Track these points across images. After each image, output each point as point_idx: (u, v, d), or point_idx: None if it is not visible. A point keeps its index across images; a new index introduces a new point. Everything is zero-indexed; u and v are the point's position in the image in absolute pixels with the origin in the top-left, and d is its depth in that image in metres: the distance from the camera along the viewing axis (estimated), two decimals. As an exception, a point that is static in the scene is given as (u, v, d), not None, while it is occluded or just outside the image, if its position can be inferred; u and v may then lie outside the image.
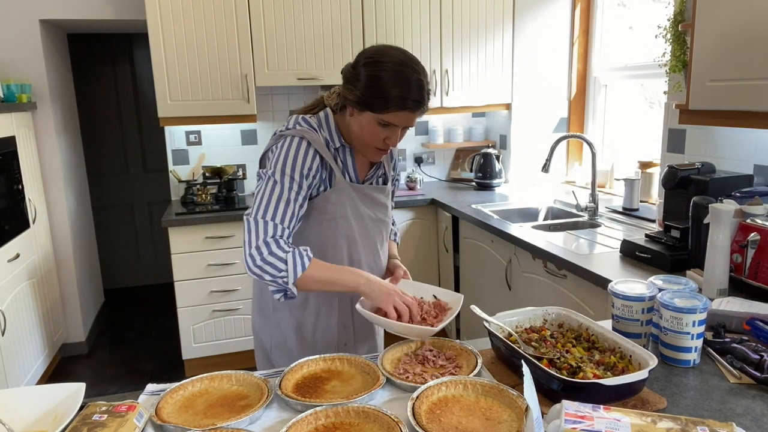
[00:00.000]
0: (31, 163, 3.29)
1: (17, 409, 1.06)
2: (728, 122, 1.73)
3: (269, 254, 1.26)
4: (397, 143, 1.40)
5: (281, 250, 1.27)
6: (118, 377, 3.43)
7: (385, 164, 1.55)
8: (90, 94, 4.71)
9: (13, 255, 2.92)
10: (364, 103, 1.31)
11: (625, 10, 3.26)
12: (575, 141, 3.58)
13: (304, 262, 1.28)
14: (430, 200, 3.42)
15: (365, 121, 1.34)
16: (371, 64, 1.30)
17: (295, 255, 1.28)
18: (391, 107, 1.29)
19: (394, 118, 1.31)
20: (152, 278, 5.12)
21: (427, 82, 1.33)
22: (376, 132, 1.35)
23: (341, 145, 1.43)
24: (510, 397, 1.04)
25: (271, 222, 1.29)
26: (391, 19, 3.36)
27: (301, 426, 0.99)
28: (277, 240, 1.28)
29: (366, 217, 1.49)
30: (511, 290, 2.62)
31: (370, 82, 1.29)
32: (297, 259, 1.28)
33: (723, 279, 1.55)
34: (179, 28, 3.05)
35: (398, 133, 1.37)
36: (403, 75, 1.28)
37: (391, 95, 1.28)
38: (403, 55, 1.32)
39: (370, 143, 1.38)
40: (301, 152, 1.34)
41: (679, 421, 0.88)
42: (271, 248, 1.27)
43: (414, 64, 1.31)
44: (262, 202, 1.31)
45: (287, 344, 1.53)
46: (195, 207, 3.26)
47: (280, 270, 1.26)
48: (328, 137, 1.41)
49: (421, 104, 1.32)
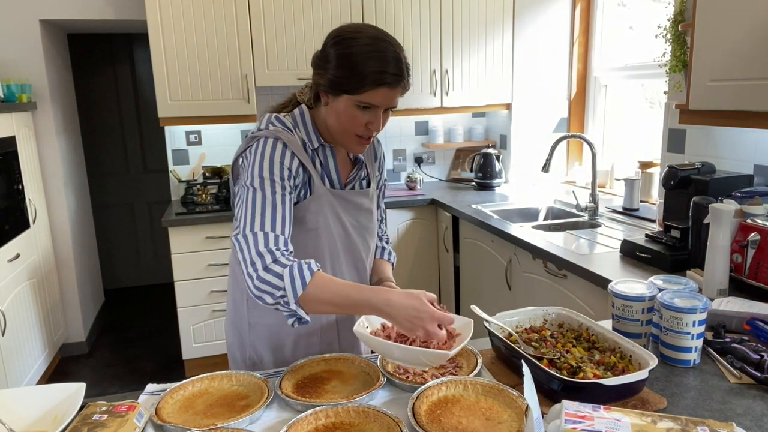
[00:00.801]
0: (32, 163, 3.29)
1: (17, 409, 1.06)
2: (728, 122, 1.72)
3: (264, 270, 1.10)
4: (380, 128, 1.24)
5: (278, 264, 1.11)
6: (118, 377, 3.43)
7: (367, 165, 1.42)
8: (90, 94, 4.71)
9: (14, 255, 2.92)
10: (338, 86, 1.18)
11: (625, 10, 3.25)
12: (575, 141, 3.58)
13: (305, 277, 1.09)
14: (430, 200, 3.42)
15: (342, 106, 1.20)
16: (341, 42, 1.18)
17: (293, 269, 1.10)
18: (367, 85, 1.16)
19: (373, 97, 1.17)
20: (152, 278, 5.12)
21: (405, 57, 1.20)
22: (355, 116, 1.20)
23: (320, 145, 1.31)
24: (510, 397, 1.04)
25: (261, 232, 1.13)
26: (390, 18, 3.36)
27: (302, 426, 0.99)
28: (272, 251, 1.12)
29: (348, 225, 1.36)
30: (511, 290, 2.62)
31: (342, 61, 1.16)
32: (296, 274, 1.09)
33: (723, 279, 1.55)
34: (179, 28, 3.05)
35: (380, 116, 1.22)
36: (378, 48, 1.15)
37: (367, 71, 1.14)
38: (375, 30, 1.20)
39: (349, 130, 1.23)
40: (277, 153, 1.20)
41: (679, 421, 0.88)
42: (266, 261, 1.11)
43: (387, 37, 1.19)
44: (246, 215, 1.16)
45: (264, 366, 1.41)
46: (195, 207, 3.26)
47: (278, 288, 1.09)
48: (305, 137, 1.28)
49: (401, 78, 1.18)
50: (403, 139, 3.94)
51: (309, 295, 1.10)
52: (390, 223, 3.39)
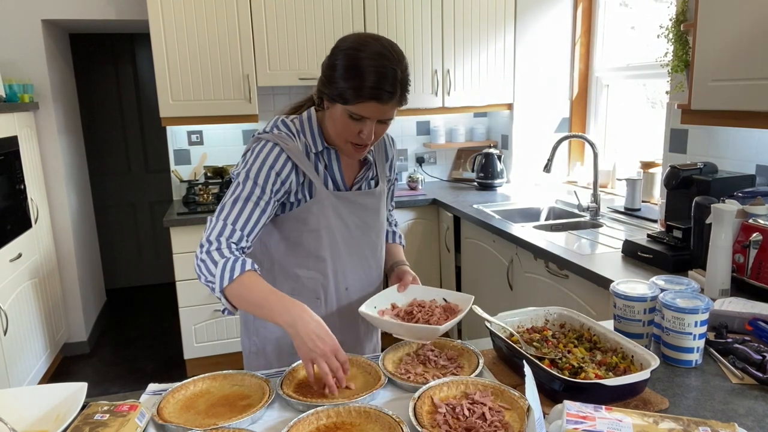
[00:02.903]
0: (33, 163, 3.29)
1: (19, 409, 1.06)
2: (730, 122, 1.72)
3: (206, 253, 1.20)
4: (371, 138, 1.27)
5: (219, 253, 1.20)
6: (119, 377, 3.44)
7: (377, 166, 1.46)
8: (92, 94, 4.72)
9: (15, 255, 2.92)
10: (336, 95, 1.23)
11: (627, 10, 3.25)
12: (577, 141, 3.58)
13: (234, 272, 1.17)
14: (431, 200, 3.42)
15: (337, 114, 1.25)
16: (332, 52, 1.25)
17: (227, 262, 1.18)
18: (360, 97, 1.20)
19: (363, 109, 1.22)
20: (154, 278, 5.12)
21: (404, 72, 1.23)
22: (348, 125, 1.25)
23: (324, 148, 1.35)
24: (512, 397, 1.04)
25: (223, 221, 1.23)
26: (392, 18, 3.36)
27: (303, 426, 0.99)
28: (220, 241, 1.21)
29: (353, 226, 1.41)
30: (513, 290, 2.62)
31: (341, 71, 1.21)
32: (227, 267, 1.18)
33: (725, 279, 1.54)
34: (181, 28, 3.05)
35: (372, 128, 1.26)
36: (377, 63, 1.19)
37: (361, 85, 1.19)
38: (380, 45, 1.22)
39: (343, 137, 1.29)
40: (270, 158, 1.27)
41: (681, 421, 0.87)
42: (211, 247, 1.21)
43: (390, 53, 1.21)
44: (224, 203, 1.26)
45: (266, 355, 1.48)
46: (197, 207, 3.26)
47: (210, 273, 1.19)
48: (310, 141, 1.33)
49: (393, 95, 1.21)
50: (404, 139, 3.94)
51: (233, 290, 1.18)
52: (391, 223, 3.39)
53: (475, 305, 1.32)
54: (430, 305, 1.40)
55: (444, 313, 1.36)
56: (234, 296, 1.18)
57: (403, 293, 1.45)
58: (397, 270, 1.54)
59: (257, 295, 1.17)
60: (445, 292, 1.44)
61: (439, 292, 1.45)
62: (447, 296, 1.43)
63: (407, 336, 1.28)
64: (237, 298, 1.19)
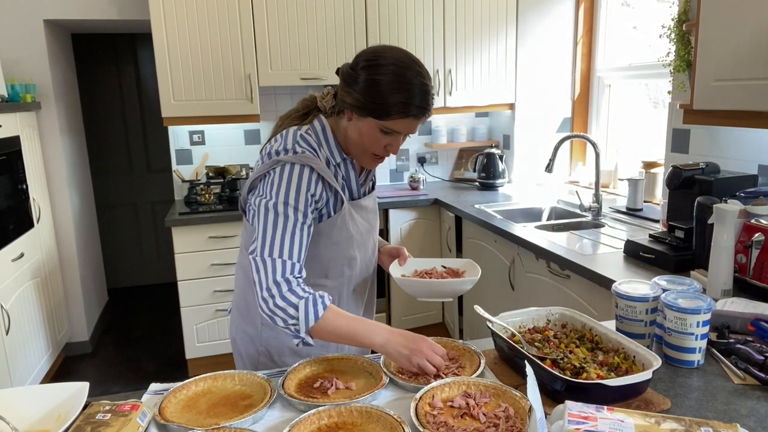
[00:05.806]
0: (36, 163, 3.30)
1: (21, 409, 1.06)
2: (733, 122, 1.72)
3: (281, 298, 1.16)
4: (397, 151, 1.31)
5: (294, 294, 1.17)
6: (121, 376, 3.44)
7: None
8: (94, 94, 4.72)
9: (18, 254, 2.93)
10: (365, 109, 1.22)
11: (629, 10, 3.25)
12: (579, 141, 3.57)
13: (318, 311, 1.17)
14: (433, 200, 3.42)
15: (366, 128, 1.25)
16: (371, 66, 1.21)
17: (308, 302, 1.17)
18: (393, 114, 1.21)
19: (396, 125, 1.23)
20: (156, 278, 5.13)
21: (431, 86, 1.25)
22: (376, 139, 1.26)
23: (342, 160, 1.34)
24: (513, 397, 1.04)
25: (279, 259, 1.18)
26: (394, 18, 3.36)
27: (304, 426, 0.99)
28: (288, 280, 1.18)
29: (363, 230, 1.42)
30: (514, 290, 2.62)
31: (371, 86, 1.20)
32: (310, 307, 1.17)
33: (727, 279, 1.54)
34: (183, 28, 3.05)
35: (400, 141, 1.29)
36: (406, 79, 1.19)
37: (394, 101, 1.19)
38: (406, 57, 1.23)
39: (369, 150, 1.29)
40: (304, 181, 1.23)
41: (683, 422, 0.87)
42: (282, 290, 1.17)
43: (417, 66, 1.22)
44: (266, 238, 1.20)
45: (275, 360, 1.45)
46: (198, 207, 3.26)
47: (291, 317, 1.16)
48: (329, 153, 1.31)
49: (426, 110, 1.24)
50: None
51: (319, 327, 1.18)
52: (393, 222, 3.39)
53: (477, 306, 1.33)
54: (438, 272, 1.49)
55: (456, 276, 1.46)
56: (317, 332, 1.19)
57: (404, 266, 1.51)
58: (384, 250, 1.57)
59: (342, 330, 1.19)
60: (442, 260, 1.54)
61: (436, 261, 1.54)
62: (445, 263, 1.53)
63: (437, 295, 1.38)
64: (320, 333, 1.19)
